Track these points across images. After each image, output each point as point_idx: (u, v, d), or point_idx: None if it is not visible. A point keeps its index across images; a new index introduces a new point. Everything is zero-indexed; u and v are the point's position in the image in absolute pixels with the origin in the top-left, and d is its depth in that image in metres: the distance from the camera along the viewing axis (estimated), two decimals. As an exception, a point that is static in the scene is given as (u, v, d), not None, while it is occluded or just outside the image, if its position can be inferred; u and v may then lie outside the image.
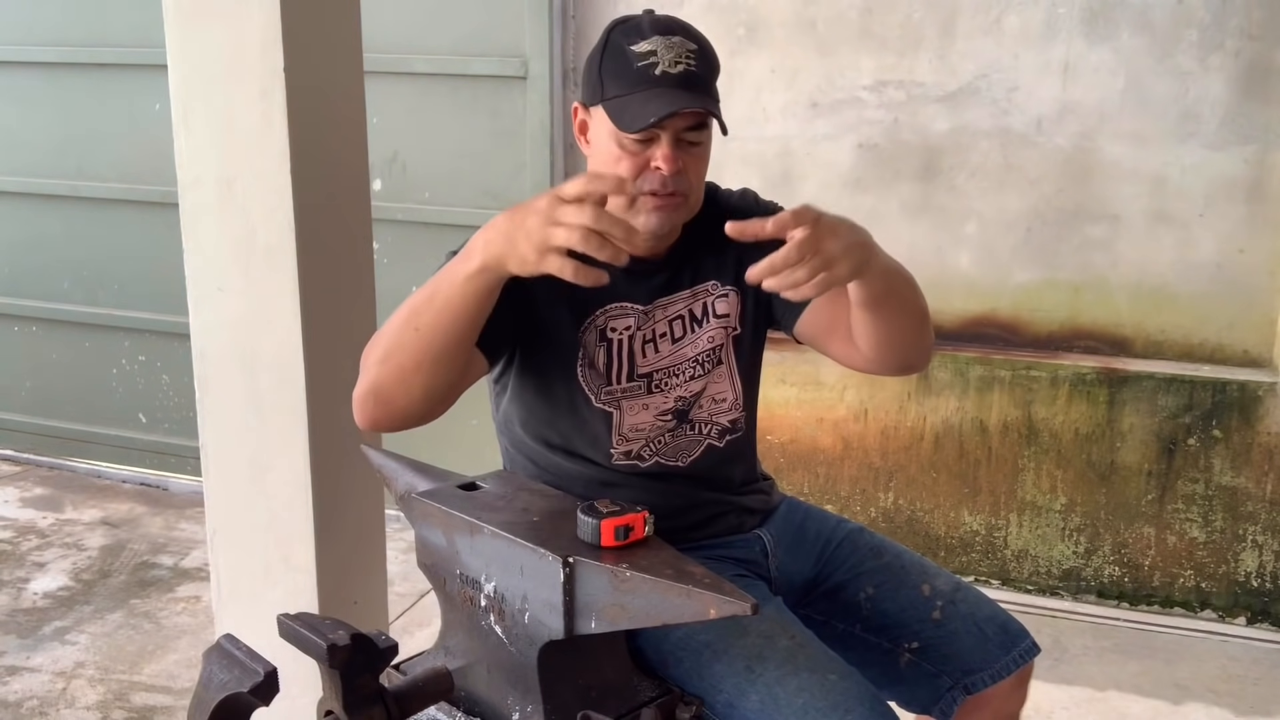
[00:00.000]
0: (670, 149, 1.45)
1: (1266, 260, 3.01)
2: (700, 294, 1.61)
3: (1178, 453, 3.05)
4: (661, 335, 1.59)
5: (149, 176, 3.67)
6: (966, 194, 3.17)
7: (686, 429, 1.62)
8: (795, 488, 3.27)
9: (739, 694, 1.42)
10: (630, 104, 1.44)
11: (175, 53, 1.95)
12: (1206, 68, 2.95)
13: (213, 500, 2.13)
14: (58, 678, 2.77)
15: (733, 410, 1.65)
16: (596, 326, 1.55)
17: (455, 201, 3.48)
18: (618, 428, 1.58)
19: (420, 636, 2.88)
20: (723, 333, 1.62)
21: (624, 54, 1.46)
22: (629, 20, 1.50)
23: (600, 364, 1.56)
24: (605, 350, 1.56)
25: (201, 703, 1.28)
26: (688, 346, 1.60)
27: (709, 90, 1.48)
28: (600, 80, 1.48)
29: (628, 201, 1.48)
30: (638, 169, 1.46)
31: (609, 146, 1.47)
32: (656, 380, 1.59)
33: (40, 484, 3.99)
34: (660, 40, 1.45)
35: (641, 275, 1.57)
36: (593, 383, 1.56)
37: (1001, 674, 1.61)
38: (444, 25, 3.40)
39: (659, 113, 1.41)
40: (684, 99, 1.43)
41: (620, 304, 1.56)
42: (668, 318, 1.59)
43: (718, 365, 1.62)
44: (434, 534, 1.50)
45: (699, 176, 1.51)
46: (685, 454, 1.62)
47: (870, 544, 1.73)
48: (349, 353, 2.11)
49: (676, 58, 1.44)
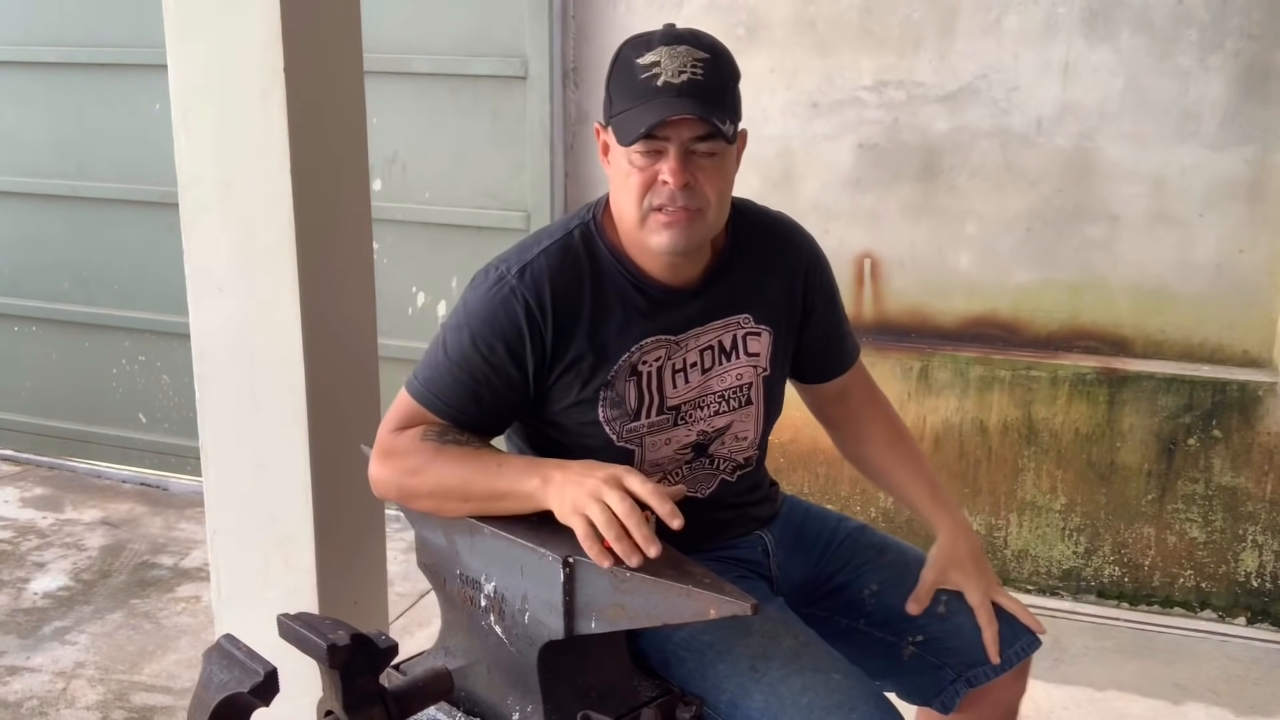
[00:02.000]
0: (677, 162, 1.40)
1: (1266, 260, 3.01)
2: (732, 325, 1.57)
3: (1178, 453, 3.05)
4: (692, 365, 1.55)
5: (149, 176, 3.66)
6: (966, 194, 3.17)
7: (705, 463, 1.60)
8: (795, 488, 3.26)
9: (743, 693, 1.42)
10: (630, 117, 1.40)
11: (175, 53, 1.95)
12: (1206, 68, 2.95)
13: (213, 500, 2.13)
14: (58, 678, 2.77)
15: (750, 449, 1.64)
16: (630, 362, 1.51)
17: (455, 201, 3.48)
18: (639, 464, 1.54)
19: (420, 636, 2.88)
20: (752, 371, 1.60)
21: (630, 67, 1.42)
22: (641, 35, 1.46)
23: (631, 401, 1.51)
24: (635, 385, 1.51)
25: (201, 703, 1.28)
26: (714, 380, 1.57)
27: (717, 99, 1.41)
28: (610, 97, 1.45)
29: (640, 219, 1.44)
30: (646, 184, 1.42)
31: (621, 164, 1.44)
32: (684, 412, 1.56)
33: (40, 484, 3.99)
34: (665, 50, 1.40)
35: (674, 305, 1.53)
36: (615, 423, 1.52)
37: (1004, 667, 1.61)
38: (444, 25, 3.40)
39: (649, 122, 1.37)
40: (680, 107, 1.37)
41: (654, 338, 1.52)
42: (699, 347, 1.55)
43: (747, 405, 1.60)
44: (434, 534, 1.51)
45: (715, 190, 1.44)
46: (703, 486, 1.61)
47: (872, 542, 1.73)
48: (349, 353, 2.12)
49: (680, 67, 1.39)
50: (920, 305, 3.27)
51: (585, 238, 1.52)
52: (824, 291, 1.66)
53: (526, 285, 1.46)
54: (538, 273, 1.47)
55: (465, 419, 1.49)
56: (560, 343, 1.47)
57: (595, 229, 1.53)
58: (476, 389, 1.48)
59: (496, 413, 1.51)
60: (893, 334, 3.28)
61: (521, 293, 1.46)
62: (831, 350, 1.71)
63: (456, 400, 1.48)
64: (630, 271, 1.51)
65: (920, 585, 1.62)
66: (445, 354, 1.49)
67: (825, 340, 1.69)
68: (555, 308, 1.46)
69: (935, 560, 1.64)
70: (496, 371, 1.47)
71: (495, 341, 1.46)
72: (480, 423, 1.50)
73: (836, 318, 1.70)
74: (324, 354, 2.02)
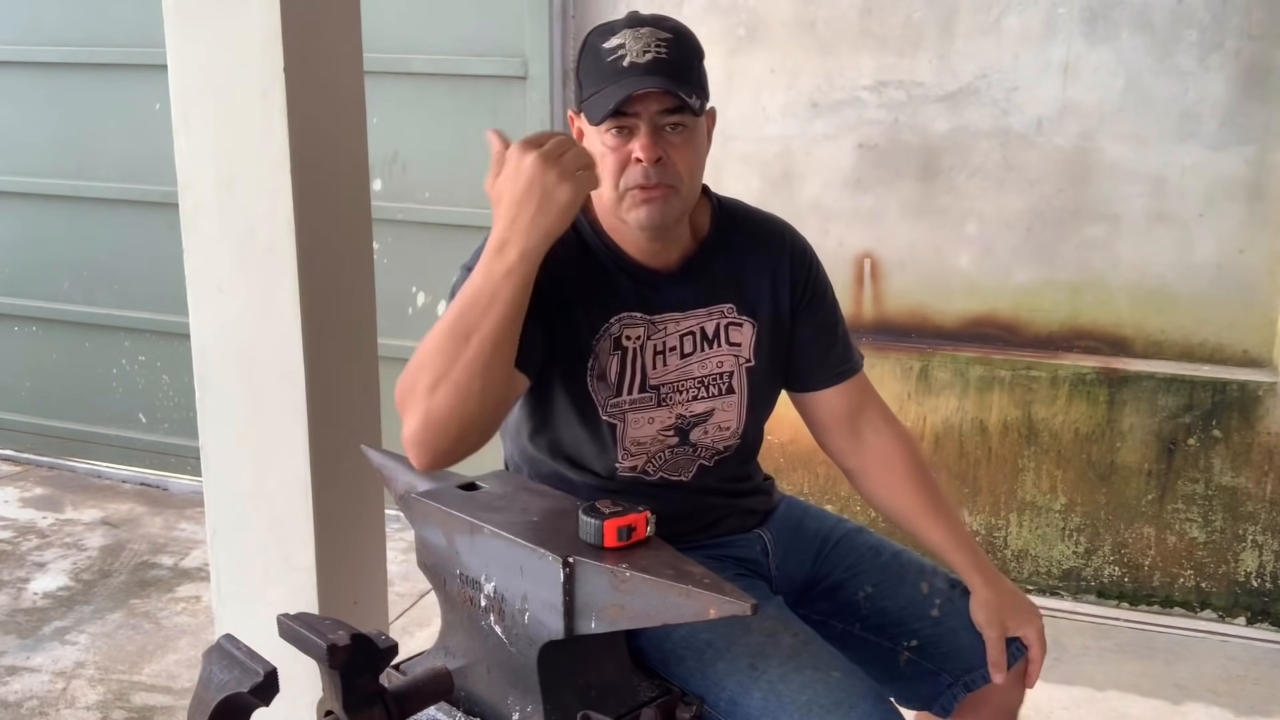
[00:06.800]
0: (648, 138, 1.44)
1: (1266, 260, 3.01)
2: (715, 314, 1.59)
3: (1178, 453, 3.05)
4: (672, 349, 1.57)
5: (149, 176, 3.67)
6: (966, 194, 3.17)
7: (688, 449, 1.61)
8: (795, 488, 3.27)
9: (742, 691, 1.42)
10: (599, 98, 1.44)
11: (175, 53, 1.95)
12: (1206, 68, 2.95)
13: (213, 500, 2.13)
14: (58, 678, 2.77)
15: (731, 438, 1.64)
16: (611, 334, 1.54)
17: (455, 201, 3.48)
18: (621, 441, 1.56)
19: (420, 636, 2.88)
20: (734, 361, 1.60)
21: (596, 52, 1.47)
22: (606, 23, 1.51)
23: (612, 373, 1.54)
24: (619, 358, 1.54)
25: (201, 703, 1.28)
26: (695, 365, 1.58)
27: (682, 75, 1.45)
28: (579, 82, 1.50)
29: (617, 198, 1.48)
30: (621, 164, 1.46)
31: (595, 146, 1.47)
32: (664, 394, 1.58)
33: (40, 484, 3.99)
34: (629, 33, 1.45)
35: (653, 287, 1.56)
36: (600, 394, 1.54)
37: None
38: (444, 25, 3.40)
39: (617, 98, 1.41)
40: (646, 83, 1.42)
41: (630, 313, 1.55)
42: (679, 331, 1.58)
43: (728, 393, 1.61)
44: (434, 534, 1.50)
45: (687, 166, 1.48)
46: (686, 470, 1.62)
47: (869, 543, 1.73)
48: (349, 353, 2.12)
49: (645, 47, 1.44)
50: (920, 305, 3.27)
51: None
52: (811, 287, 1.66)
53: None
54: None
55: None
56: (555, 290, 1.47)
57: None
58: None
59: None
60: (893, 334, 3.29)
61: None
62: (823, 350, 1.69)
63: None
64: (610, 248, 1.55)
65: (991, 649, 1.58)
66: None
67: (815, 339, 1.67)
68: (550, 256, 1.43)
69: (989, 615, 1.59)
70: None
71: None
72: None
73: (827, 316, 1.68)
74: (324, 354, 2.02)
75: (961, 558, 1.65)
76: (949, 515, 1.69)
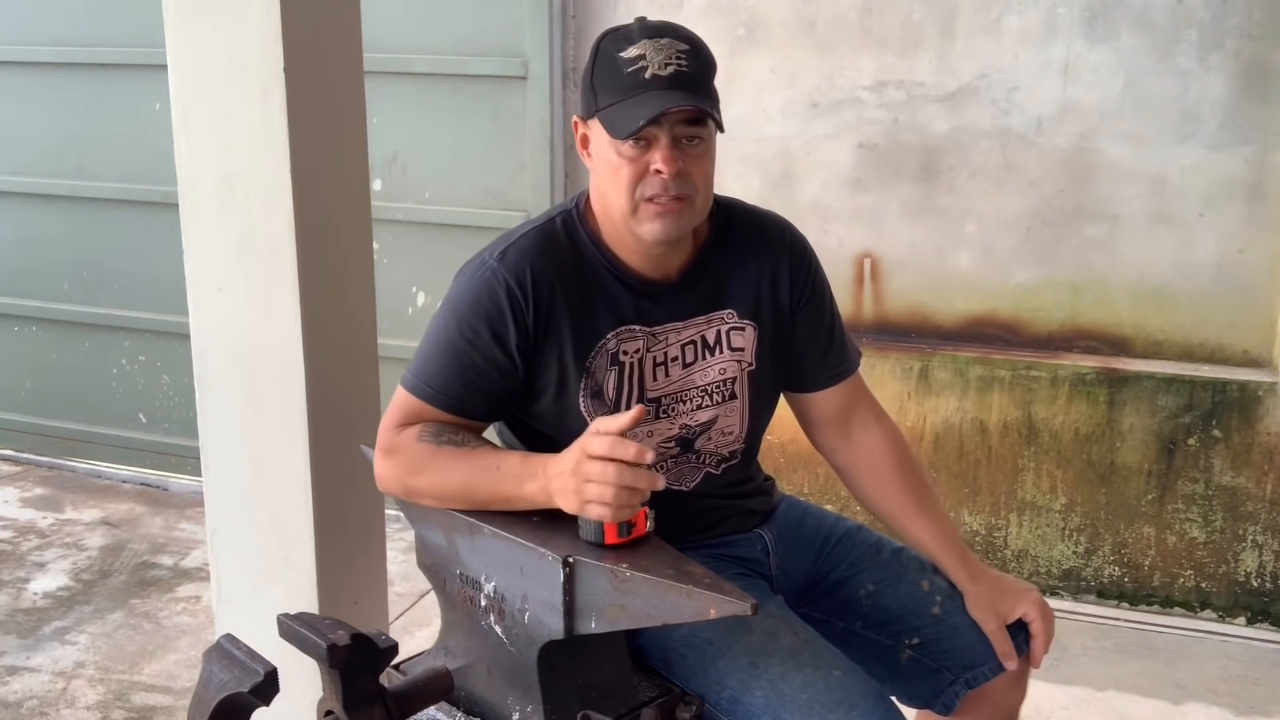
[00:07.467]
0: (668, 150, 1.42)
1: (1266, 260, 3.01)
2: (715, 320, 1.59)
3: (1178, 453, 3.05)
4: (673, 359, 1.56)
5: (149, 176, 3.66)
6: (966, 194, 3.17)
7: (691, 457, 1.61)
8: (795, 488, 3.27)
9: (743, 690, 1.42)
10: (622, 110, 1.42)
11: (175, 53, 1.95)
12: (1206, 68, 2.95)
13: (213, 500, 2.13)
14: (58, 678, 2.77)
15: (736, 443, 1.64)
16: (608, 350, 1.53)
17: (455, 201, 3.48)
18: None
19: (420, 636, 2.88)
20: (736, 366, 1.60)
21: (614, 61, 1.44)
22: (618, 29, 1.48)
23: (609, 390, 1.53)
24: (616, 374, 1.53)
25: (201, 703, 1.28)
26: (697, 374, 1.58)
27: (702, 89, 1.45)
28: (594, 91, 1.47)
29: (630, 209, 1.46)
30: (638, 175, 1.44)
31: (609, 156, 1.46)
32: (665, 406, 1.57)
33: (40, 484, 3.99)
34: (649, 44, 1.43)
35: (653, 298, 1.55)
36: (597, 413, 1.52)
37: (1002, 667, 1.61)
38: (444, 25, 3.40)
39: (649, 114, 1.39)
40: (674, 99, 1.40)
41: (629, 327, 1.54)
42: (680, 341, 1.57)
43: (731, 399, 1.60)
44: (434, 534, 1.51)
45: (703, 178, 1.47)
46: (689, 479, 1.62)
47: (869, 541, 1.73)
48: (349, 353, 2.12)
49: (666, 59, 1.42)
50: (920, 305, 3.27)
51: (567, 225, 1.56)
52: (810, 285, 1.65)
53: (507, 267, 1.49)
54: (518, 255, 1.51)
55: (458, 405, 1.51)
56: (542, 324, 1.49)
57: (577, 217, 1.56)
58: (465, 374, 1.50)
59: (488, 397, 1.52)
60: (893, 334, 3.28)
61: (502, 275, 1.49)
62: (821, 350, 1.68)
63: (447, 386, 1.50)
64: (610, 261, 1.54)
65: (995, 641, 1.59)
66: (433, 343, 1.52)
67: (814, 339, 1.67)
68: (536, 289, 1.49)
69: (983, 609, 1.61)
70: (482, 354, 1.49)
71: (479, 324, 1.49)
72: (473, 407, 1.52)
73: (826, 316, 1.68)
74: (324, 354, 2.02)
75: (946, 556, 1.66)
76: (935, 513, 1.70)
